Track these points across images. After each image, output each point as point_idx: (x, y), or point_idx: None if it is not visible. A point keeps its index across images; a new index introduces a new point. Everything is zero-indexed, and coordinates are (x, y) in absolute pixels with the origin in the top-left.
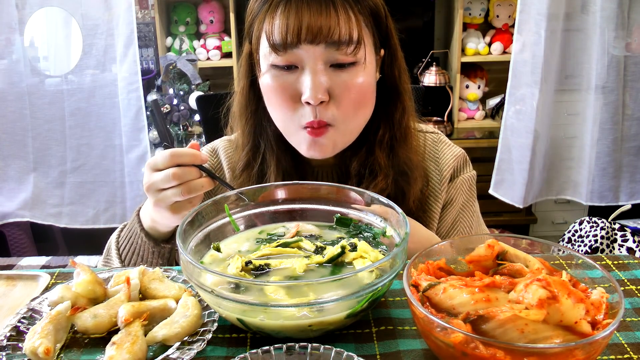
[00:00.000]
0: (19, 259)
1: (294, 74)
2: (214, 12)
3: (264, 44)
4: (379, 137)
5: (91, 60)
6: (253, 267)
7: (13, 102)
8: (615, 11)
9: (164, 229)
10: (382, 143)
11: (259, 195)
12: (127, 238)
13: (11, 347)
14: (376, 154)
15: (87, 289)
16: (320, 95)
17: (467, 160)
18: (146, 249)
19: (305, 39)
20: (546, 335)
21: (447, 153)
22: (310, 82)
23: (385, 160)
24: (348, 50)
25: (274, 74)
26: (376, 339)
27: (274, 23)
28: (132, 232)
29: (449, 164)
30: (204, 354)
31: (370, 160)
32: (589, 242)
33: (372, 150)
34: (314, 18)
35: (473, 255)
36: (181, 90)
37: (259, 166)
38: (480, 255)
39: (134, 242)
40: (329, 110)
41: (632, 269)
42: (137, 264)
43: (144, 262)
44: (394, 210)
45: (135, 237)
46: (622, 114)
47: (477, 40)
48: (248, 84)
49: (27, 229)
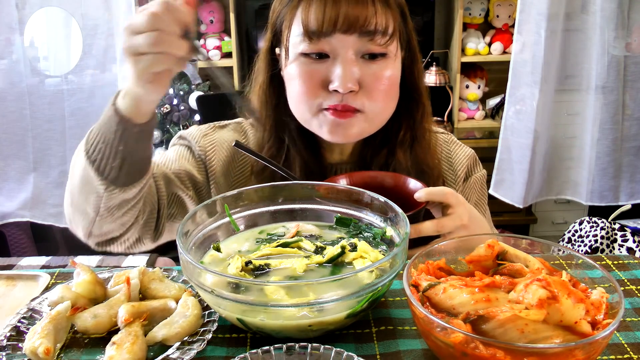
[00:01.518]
0: (19, 259)
1: (323, 63)
2: (214, 12)
3: (295, 32)
4: (400, 137)
5: (91, 60)
6: (253, 267)
7: (13, 102)
8: (615, 11)
9: (144, 106)
10: (404, 143)
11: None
12: (97, 124)
13: (11, 347)
14: (397, 154)
15: (87, 289)
16: (350, 85)
17: (477, 159)
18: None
19: (340, 28)
20: (546, 335)
21: (459, 153)
22: (342, 71)
23: (406, 160)
24: (381, 41)
25: (302, 62)
26: (376, 339)
27: (310, 10)
28: (102, 116)
29: (463, 164)
30: (204, 354)
31: (392, 160)
32: (589, 242)
33: (393, 151)
34: (351, 7)
35: (473, 255)
36: (181, 90)
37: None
38: (480, 255)
39: (102, 123)
40: (358, 99)
41: (632, 269)
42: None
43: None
44: (394, 210)
45: (104, 117)
46: (622, 114)
47: (477, 40)
48: (268, 79)
49: (27, 229)
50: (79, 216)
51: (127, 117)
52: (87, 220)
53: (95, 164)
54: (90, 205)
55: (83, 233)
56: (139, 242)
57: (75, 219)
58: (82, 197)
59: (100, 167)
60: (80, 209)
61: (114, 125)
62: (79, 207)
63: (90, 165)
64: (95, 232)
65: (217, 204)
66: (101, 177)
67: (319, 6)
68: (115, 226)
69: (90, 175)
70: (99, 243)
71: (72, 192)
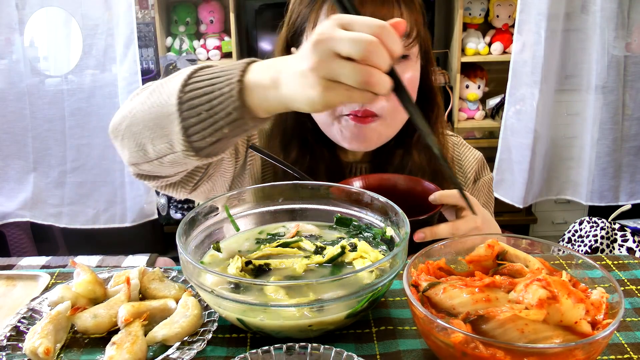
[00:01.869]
0: (19, 259)
1: None
2: (214, 12)
3: None
4: (415, 138)
5: (91, 60)
6: (253, 267)
7: (13, 102)
8: (615, 11)
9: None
10: (419, 144)
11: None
12: (209, 80)
13: (11, 347)
14: (413, 155)
15: (87, 289)
16: None
17: (485, 163)
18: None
19: None
20: (546, 335)
21: (468, 156)
22: None
23: (422, 161)
24: (405, 44)
25: None
26: (376, 339)
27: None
28: (220, 76)
29: (472, 167)
30: (204, 354)
31: (407, 161)
32: (589, 242)
33: (409, 151)
34: (377, 9)
35: (473, 255)
36: None
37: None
38: (480, 255)
39: (215, 88)
40: (378, 102)
41: (632, 269)
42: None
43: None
44: (394, 210)
45: (221, 83)
46: (622, 114)
47: (477, 40)
48: None
49: (27, 229)
50: (133, 145)
51: (251, 109)
52: (141, 156)
53: (187, 124)
54: (154, 147)
55: (129, 162)
56: (176, 188)
57: (125, 143)
58: (148, 133)
59: (190, 131)
60: (137, 140)
61: (230, 108)
62: (138, 137)
63: (179, 120)
64: (144, 169)
65: (217, 203)
66: (186, 139)
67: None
68: (167, 172)
69: (173, 127)
70: (139, 175)
71: (135, 118)
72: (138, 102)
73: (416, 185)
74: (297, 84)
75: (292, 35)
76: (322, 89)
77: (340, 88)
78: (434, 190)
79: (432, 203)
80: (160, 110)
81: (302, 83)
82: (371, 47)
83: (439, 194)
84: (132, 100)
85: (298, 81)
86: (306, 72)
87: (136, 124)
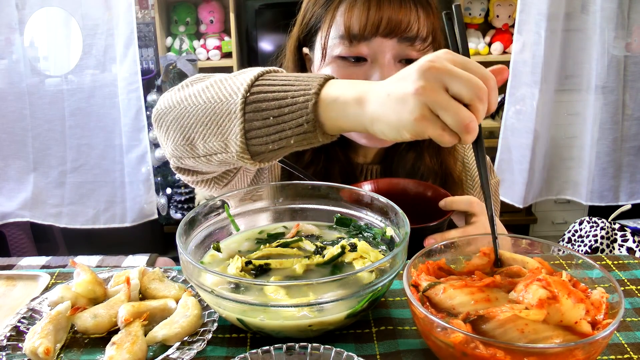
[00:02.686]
0: (19, 259)
1: (361, 66)
2: (214, 12)
3: (333, 34)
4: (427, 142)
5: (91, 60)
6: (253, 267)
7: (13, 102)
8: (615, 11)
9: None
10: (430, 148)
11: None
12: (282, 85)
13: (11, 347)
14: (424, 158)
15: (87, 289)
16: None
17: (492, 167)
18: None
19: (382, 32)
20: (546, 335)
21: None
22: (379, 75)
23: (433, 165)
24: (420, 47)
25: (339, 65)
26: (376, 339)
27: (353, 13)
28: (295, 84)
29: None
30: (204, 354)
31: (419, 164)
32: (589, 242)
33: (421, 155)
34: (395, 12)
35: (470, 265)
36: None
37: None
38: (477, 265)
39: (289, 95)
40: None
41: (632, 269)
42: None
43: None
44: (394, 210)
45: (296, 92)
46: (622, 114)
47: (477, 40)
48: None
49: (27, 229)
50: (180, 139)
51: (324, 124)
52: (187, 151)
53: (249, 126)
54: (205, 144)
55: (171, 154)
56: (209, 185)
57: (171, 135)
58: (200, 129)
59: (251, 134)
60: (186, 135)
61: (303, 120)
62: (187, 132)
63: (241, 121)
64: (187, 164)
65: (218, 203)
66: (244, 141)
67: (363, 9)
68: (211, 169)
69: (232, 126)
70: (179, 168)
71: (186, 111)
72: (191, 94)
73: (426, 190)
74: (392, 104)
75: (305, 36)
76: (419, 117)
77: (438, 122)
78: (444, 195)
79: (443, 209)
80: (220, 107)
81: (398, 105)
82: (480, 94)
83: (450, 199)
84: (182, 89)
85: (394, 102)
86: (408, 95)
87: (187, 117)
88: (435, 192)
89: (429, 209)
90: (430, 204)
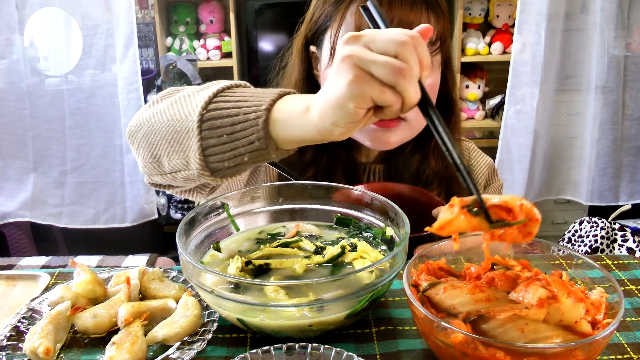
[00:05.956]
0: (19, 259)
1: None
2: (214, 12)
3: (343, 34)
4: (432, 145)
5: (91, 60)
6: (253, 267)
7: (13, 102)
8: (615, 11)
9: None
10: (436, 151)
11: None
12: (235, 102)
13: (11, 347)
14: (430, 162)
15: (87, 289)
16: None
17: (495, 170)
18: (251, 133)
19: None
20: (546, 335)
21: (480, 161)
22: None
23: (439, 168)
24: (430, 50)
25: None
26: (376, 339)
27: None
28: (248, 100)
29: (483, 172)
30: (204, 354)
31: (424, 167)
32: (589, 242)
33: (426, 158)
34: (406, 13)
35: (471, 275)
36: None
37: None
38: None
39: (241, 112)
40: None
41: (632, 269)
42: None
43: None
44: (394, 209)
45: (248, 108)
46: (622, 114)
47: (477, 40)
48: (304, 78)
49: (27, 229)
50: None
51: (276, 140)
52: (156, 167)
53: (205, 144)
54: (170, 162)
55: (142, 170)
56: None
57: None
58: (164, 146)
59: (208, 152)
60: (153, 152)
61: (254, 137)
62: (154, 149)
63: (198, 139)
64: (157, 181)
65: (218, 203)
66: (203, 159)
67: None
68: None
69: (190, 144)
70: (155, 184)
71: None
72: (158, 111)
73: (421, 197)
74: (328, 87)
75: (313, 33)
76: (354, 77)
77: (374, 80)
78: (438, 203)
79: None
80: (180, 125)
81: (332, 81)
82: (405, 48)
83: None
84: (152, 106)
85: (330, 84)
86: (338, 64)
87: (154, 134)
88: (429, 199)
89: (422, 216)
90: (425, 211)
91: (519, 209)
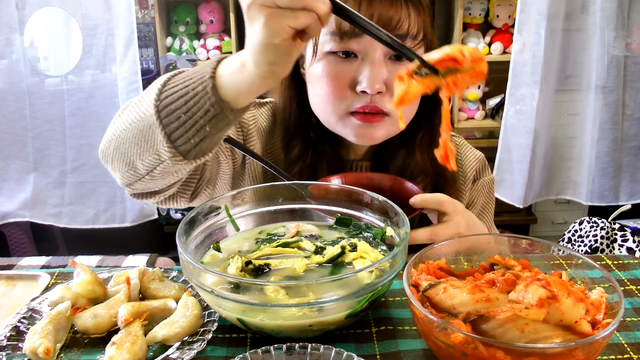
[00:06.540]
0: (19, 259)
1: (351, 63)
2: (214, 12)
3: (324, 31)
4: (419, 140)
5: (91, 60)
6: (253, 267)
7: (13, 102)
8: (615, 11)
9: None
10: (422, 145)
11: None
12: (182, 83)
13: (11, 347)
14: (416, 156)
15: (87, 289)
16: (377, 86)
17: (486, 164)
18: (204, 103)
19: None
20: (546, 335)
21: (469, 155)
22: (369, 72)
23: (424, 162)
24: (411, 44)
25: (329, 61)
26: (376, 339)
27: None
28: (193, 77)
29: (472, 167)
30: (204, 354)
31: (409, 161)
32: (589, 242)
33: (412, 152)
34: (385, 9)
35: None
36: None
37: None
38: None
39: (189, 89)
40: (386, 100)
41: (632, 269)
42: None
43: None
44: (394, 209)
45: (194, 83)
46: (622, 114)
47: (477, 40)
48: (290, 76)
49: (27, 229)
50: (123, 166)
51: (228, 100)
52: (132, 174)
53: (168, 130)
54: (143, 162)
55: (122, 182)
56: (175, 200)
57: (116, 165)
58: (135, 150)
59: (173, 136)
60: (126, 160)
61: (208, 105)
62: (126, 156)
63: (161, 128)
64: (138, 188)
65: (217, 203)
66: (171, 145)
67: (354, 6)
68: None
69: (155, 136)
70: (136, 194)
71: (121, 139)
72: (120, 123)
73: (399, 186)
74: (251, 37)
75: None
76: (267, 16)
77: (285, 11)
78: (416, 192)
79: (413, 206)
80: (142, 123)
81: (252, 30)
82: None
83: (420, 197)
84: (114, 122)
85: (251, 40)
86: (247, 13)
87: (122, 144)
88: (407, 188)
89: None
90: (402, 201)
91: (461, 55)
